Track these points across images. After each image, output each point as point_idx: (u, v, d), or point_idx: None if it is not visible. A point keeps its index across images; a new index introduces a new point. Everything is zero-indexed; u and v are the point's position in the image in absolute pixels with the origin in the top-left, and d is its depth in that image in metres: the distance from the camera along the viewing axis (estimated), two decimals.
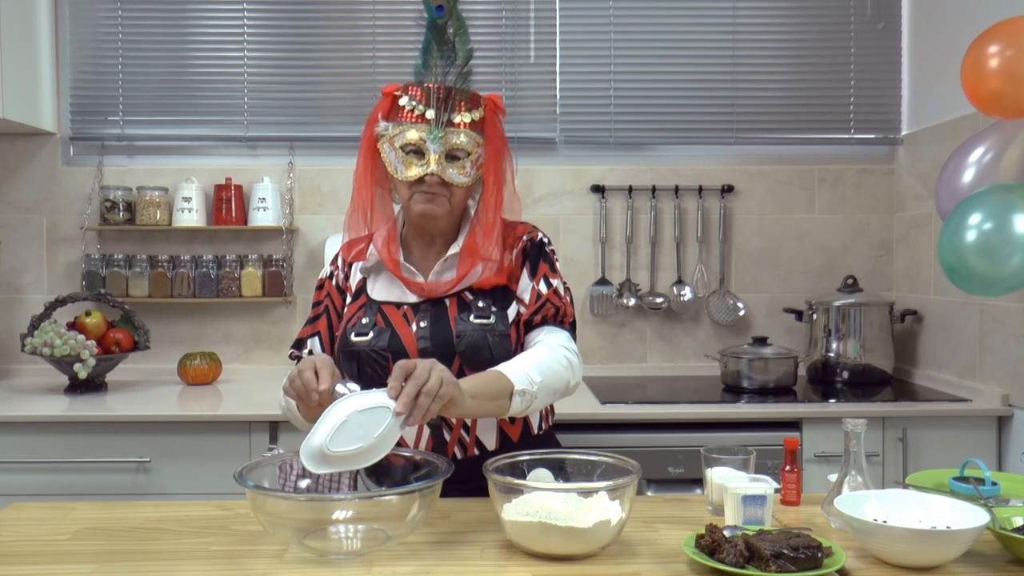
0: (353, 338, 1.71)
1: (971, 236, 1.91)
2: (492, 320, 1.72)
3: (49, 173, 3.21)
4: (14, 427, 2.51)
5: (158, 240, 3.20)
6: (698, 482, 1.73)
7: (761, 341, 2.94)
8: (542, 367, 1.63)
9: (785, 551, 1.24)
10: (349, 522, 1.37)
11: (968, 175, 2.11)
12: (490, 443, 1.73)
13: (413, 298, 1.75)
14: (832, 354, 3.03)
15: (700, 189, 3.24)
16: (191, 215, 3.12)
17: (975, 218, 1.91)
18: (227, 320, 3.22)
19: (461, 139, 1.70)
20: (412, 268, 1.78)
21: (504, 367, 1.61)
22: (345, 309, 1.79)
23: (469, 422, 1.71)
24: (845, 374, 3.01)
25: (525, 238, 1.81)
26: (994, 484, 1.56)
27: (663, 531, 1.50)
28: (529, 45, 3.24)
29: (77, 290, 3.10)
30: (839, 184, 3.28)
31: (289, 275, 3.18)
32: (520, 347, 1.76)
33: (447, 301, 1.74)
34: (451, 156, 1.70)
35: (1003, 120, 2.10)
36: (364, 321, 1.73)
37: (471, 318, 1.72)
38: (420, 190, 1.71)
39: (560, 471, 1.53)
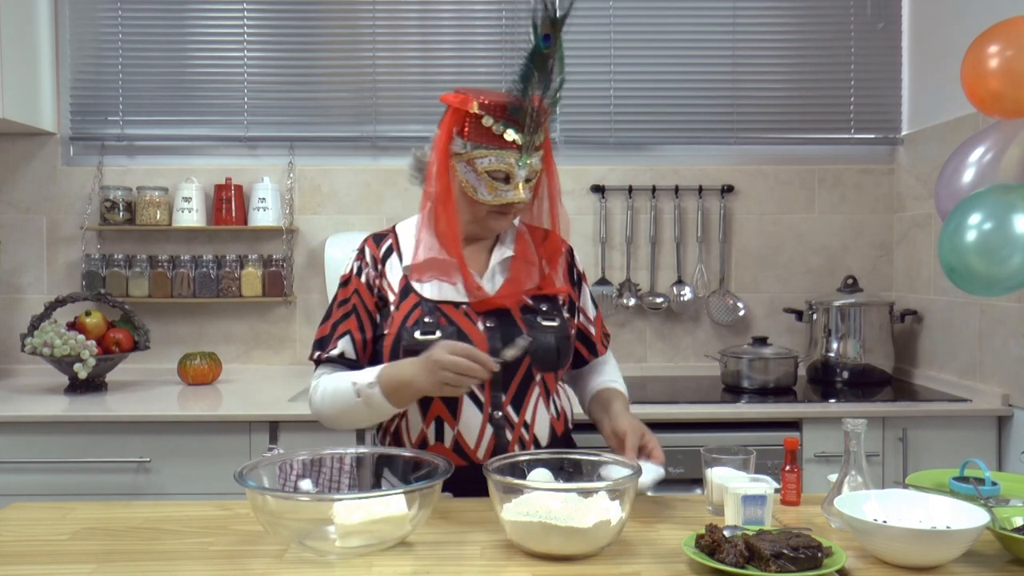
0: (419, 337, 1.68)
1: (971, 236, 1.91)
2: (558, 322, 1.77)
3: (49, 173, 3.21)
4: (14, 427, 2.51)
5: (158, 240, 3.20)
6: (698, 482, 1.73)
7: (761, 341, 2.94)
8: (626, 389, 1.90)
9: (785, 551, 1.24)
10: (349, 522, 1.36)
11: (968, 175, 2.11)
12: (543, 439, 1.75)
13: (467, 298, 1.74)
14: (832, 354, 3.03)
15: (700, 189, 3.24)
16: (191, 215, 3.12)
17: (975, 218, 1.91)
18: (227, 320, 3.22)
19: (536, 162, 1.73)
20: (473, 273, 1.76)
21: (617, 384, 1.89)
22: (395, 310, 1.74)
23: (529, 420, 1.72)
24: (845, 374, 3.01)
25: (564, 249, 1.87)
26: (994, 484, 1.56)
27: (663, 531, 1.50)
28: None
29: (77, 290, 3.10)
30: (839, 184, 3.28)
31: (289, 275, 3.18)
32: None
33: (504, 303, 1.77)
34: (527, 179, 1.72)
35: (1003, 120, 2.10)
36: (427, 320, 1.70)
37: (539, 320, 1.75)
38: (497, 211, 1.73)
39: (560, 471, 1.53)
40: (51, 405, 2.65)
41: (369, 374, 1.64)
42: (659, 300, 3.23)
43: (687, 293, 3.24)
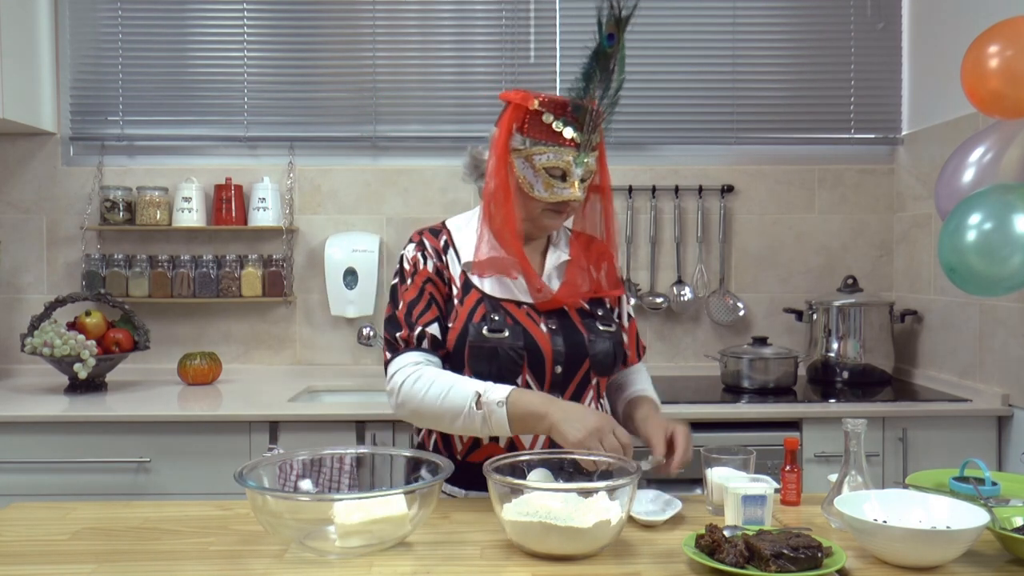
0: (487, 333, 1.69)
1: (971, 236, 1.91)
2: (614, 328, 1.80)
3: (49, 173, 3.21)
4: (14, 427, 2.51)
5: (158, 240, 3.20)
6: (698, 482, 1.73)
7: (761, 341, 2.94)
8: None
9: (785, 551, 1.24)
10: (349, 522, 1.36)
11: (968, 175, 2.11)
12: None
13: (527, 297, 1.75)
14: (832, 354, 3.03)
15: (700, 189, 3.24)
16: (191, 215, 3.12)
17: (975, 218, 1.91)
18: (227, 320, 3.22)
19: (593, 161, 1.74)
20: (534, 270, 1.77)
21: (651, 391, 1.89)
22: (458, 303, 1.73)
23: None
24: (845, 374, 3.01)
25: (606, 255, 1.88)
26: (994, 484, 1.56)
27: (663, 531, 1.50)
28: (529, 45, 3.24)
29: (77, 290, 3.10)
30: (839, 184, 3.28)
31: (289, 275, 3.18)
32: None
33: (565, 306, 1.77)
34: (583, 179, 1.73)
35: (1003, 120, 2.10)
36: (496, 317, 1.71)
37: (598, 325, 1.77)
38: (552, 209, 1.73)
39: (560, 471, 1.53)
40: (51, 405, 2.65)
41: (498, 391, 1.60)
42: (659, 300, 3.23)
43: (687, 293, 3.24)
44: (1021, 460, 2.50)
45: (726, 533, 1.34)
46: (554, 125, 1.69)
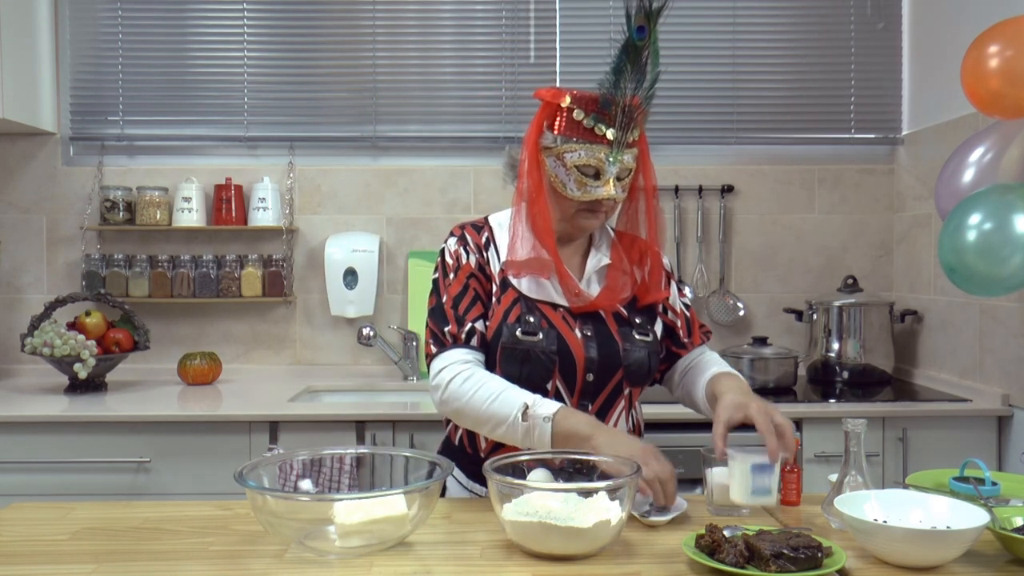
0: (520, 335, 1.66)
1: (971, 236, 1.91)
2: (651, 338, 1.75)
3: (49, 173, 3.21)
4: (14, 427, 2.51)
5: (158, 240, 3.20)
6: (698, 482, 1.73)
7: (761, 341, 2.94)
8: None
9: (785, 551, 1.24)
10: (349, 522, 1.36)
11: (968, 175, 2.11)
12: None
13: (563, 300, 1.72)
14: (832, 354, 3.03)
15: (700, 189, 3.24)
16: (191, 215, 3.12)
17: (975, 218, 1.91)
18: (227, 320, 3.22)
19: (629, 158, 1.69)
20: (570, 273, 1.73)
21: (735, 373, 1.78)
22: (495, 302, 1.71)
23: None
24: (845, 374, 3.01)
25: (651, 251, 1.82)
26: (994, 484, 1.55)
27: (663, 531, 1.49)
28: (529, 45, 3.24)
29: (77, 290, 3.10)
30: (839, 184, 3.28)
31: (289, 275, 3.19)
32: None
33: (602, 310, 1.74)
34: (620, 177, 1.69)
35: (1003, 120, 2.10)
36: (531, 320, 1.68)
37: (634, 334, 1.73)
38: (587, 208, 1.69)
39: (560, 471, 1.53)
40: (51, 405, 2.65)
41: (546, 406, 1.58)
42: None
43: (687, 293, 3.23)
44: (1021, 460, 2.50)
45: (726, 533, 1.34)
46: (585, 122, 1.65)
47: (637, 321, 1.75)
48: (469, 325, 1.68)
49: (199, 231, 3.18)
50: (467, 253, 1.74)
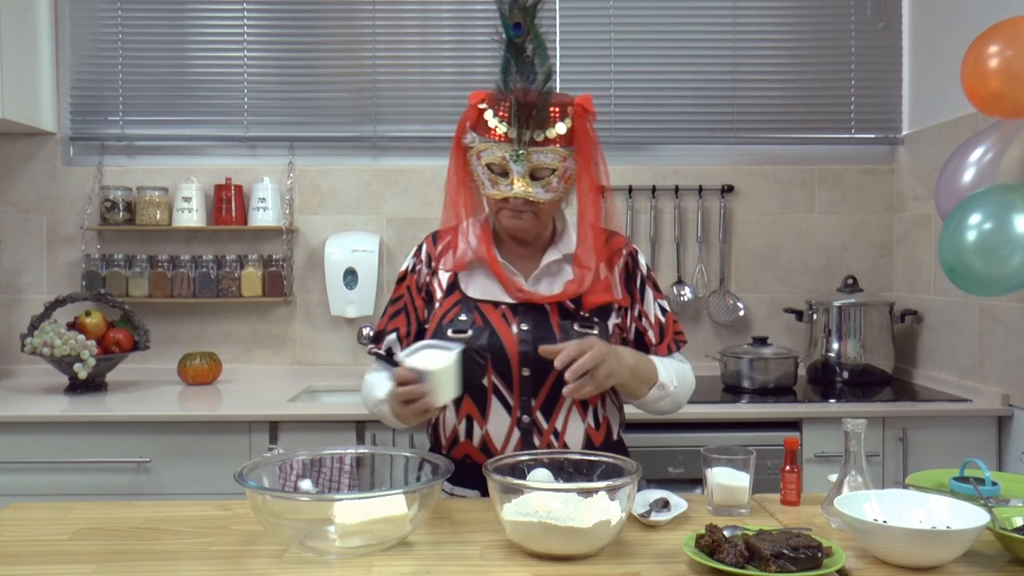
0: (451, 334, 1.69)
1: (971, 236, 1.91)
2: (596, 331, 1.72)
3: (49, 173, 3.21)
4: (14, 427, 2.51)
5: (158, 240, 3.20)
6: (698, 482, 1.73)
7: (761, 341, 2.94)
8: (680, 378, 1.79)
9: (785, 551, 1.24)
10: (349, 522, 1.36)
11: (968, 175, 2.11)
12: (576, 446, 1.72)
13: (510, 298, 1.73)
14: (832, 354, 3.03)
15: (700, 189, 3.24)
16: (191, 215, 3.12)
17: (975, 218, 1.91)
18: (227, 320, 3.22)
19: (545, 158, 1.67)
20: (512, 268, 1.75)
21: (655, 359, 1.76)
22: (438, 306, 1.76)
23: (559, 427, 1.70)
24: (845, 374, 3.01)
25: (625, 252, 1.82)
26: (994, 484, 1.56)
27: (663, 531, 1.50)
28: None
29: (77, 290, 3.10)
30: (839, 184, 3.28)
31: (289, 275, 3.18)
32: None
33: (547, 305, 1.73)
34: (535, 176, 1.68)
35: (1003, 120, 2.10)
36: (463, 318, 1.71)
37: (575, 327, 1.71)
38: (506, 207, 1.70)
39: (560, 471, 1.53)
40: (51, 405, 2.65)
41: (383, 393, 1.71)
42: None
43: (687, 293, 3.23)
44: (1021, 460, 2.50)
45: (726, 533, 1.34)
46: (490, 121, 1.68)
47: (583, 315, 1.73)
48: (385, 340, 1.80)
49: (199, 231, 3.18)
50: (415, 266, 1.83)
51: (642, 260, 1.85)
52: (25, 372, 3.14)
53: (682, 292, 3.23)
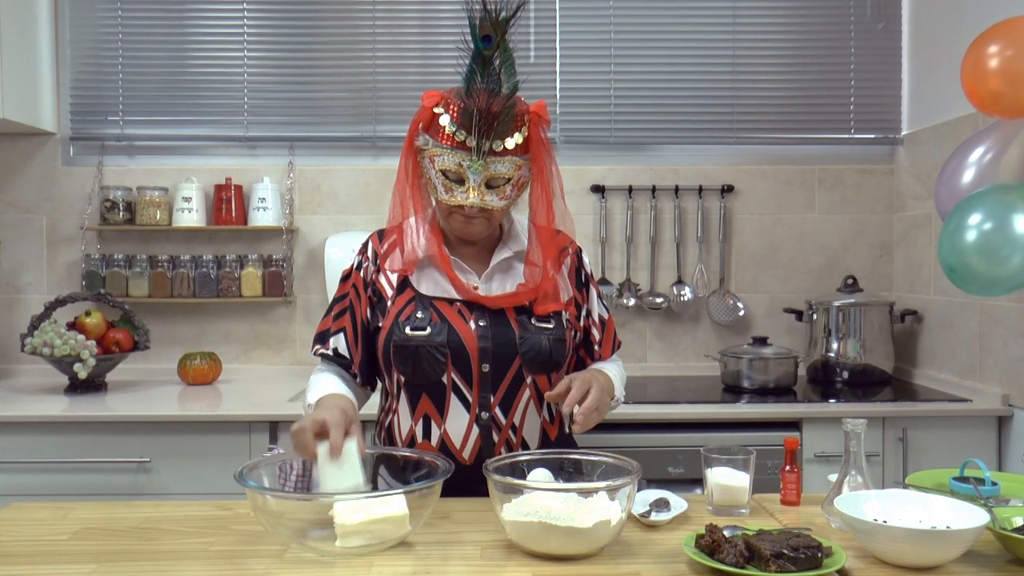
0: (409, 332, 1.69)
1: (971, 236, 1.91)
2: (552, 325, 1.74)
3: (49, 173, 3.21)
4: (14, 427, 2.51)
5: (158, 240, 3.20)
6: (698, 482, 1.73)
7: (761, 341, 2.94)
8: (621, 386, 1.85)
9: (785, 551, 1.24)
10: (349, 522, 1.36)
11: (968, 175, 2.11)
12: (533, 442, 1.74)
13: (459, 294, 1.73)
14: (832, 354, 3.03)
15: (700, 189, 3.24)
16: (191, 215, 3.12)
17: (975, 218, 1.91)
18: (227, 320, 3.22)
19: (502, 167, 1.67)
20: (464, 266, 1.76)
21: (607, 371, 1.80)
22: (390, 304, 1.74)
23: (517, 422, 1.72)
24: (845, 374, 3.01)
25: (571, 251, 1.84)
26: (994, 484, 1.56)
27: (663, 531, 1.50)
28: (529, 45, 3.24)
29: (77, 290, 3.10)
30: (839, 184, 3.28)
31: (289, 275, 3.18)
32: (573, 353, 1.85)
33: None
34: (491, 184, 1.68)
35: (1003, 120, 2.10)
36: (419, 315, 1.70)
37: (533, 321, 1.72)
38: (459, 213, 1.70)
39: (560, 471, 1.53)
40: (51, 405, 2.65)
41: (315, 396, 1.69)
42: (659, 300, 3.23)
43: (687, 293, 3.23)
44: (1021, 460, 2.50)
45: (726, 533, 1.34)
46: (447, 128, 1.67)
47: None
48: (331, 341, 1.79)
49: (199, 231, 3.18)
50: (361, 264, 1.81)
51: (586, 259, 1.88)
52: (25, 372, 3.14)
53: (682, 292, 3.24)
